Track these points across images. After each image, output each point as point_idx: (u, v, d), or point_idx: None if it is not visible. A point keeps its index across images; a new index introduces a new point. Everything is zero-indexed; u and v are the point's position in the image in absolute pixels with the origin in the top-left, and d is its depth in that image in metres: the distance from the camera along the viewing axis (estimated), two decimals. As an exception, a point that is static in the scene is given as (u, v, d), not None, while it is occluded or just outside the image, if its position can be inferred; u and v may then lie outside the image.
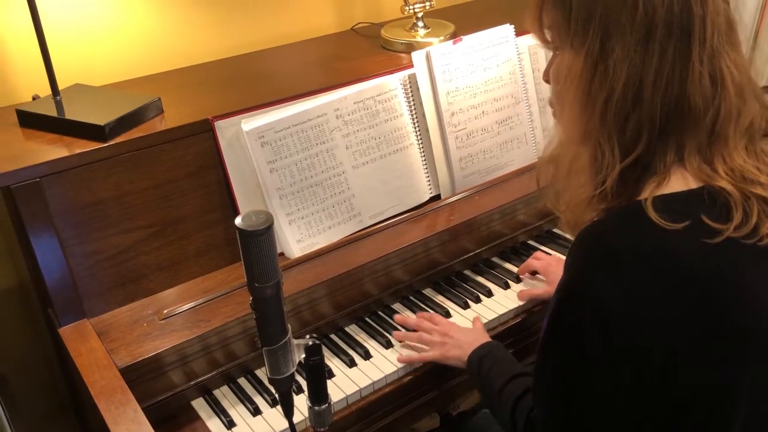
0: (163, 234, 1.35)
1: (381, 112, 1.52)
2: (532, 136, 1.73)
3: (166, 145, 1.33)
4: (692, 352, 0.83)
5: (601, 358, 0.85)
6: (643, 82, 0.85)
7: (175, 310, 1.29)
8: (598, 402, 0.89)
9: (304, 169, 1.44)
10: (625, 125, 0.87)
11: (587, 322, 0.85)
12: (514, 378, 1.15)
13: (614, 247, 0.84)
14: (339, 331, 1.43)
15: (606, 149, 0.88)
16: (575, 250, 0.88)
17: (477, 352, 1.25)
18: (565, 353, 0.90)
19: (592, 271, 0.85)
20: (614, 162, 0.87)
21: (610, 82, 0.86)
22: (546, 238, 1.70)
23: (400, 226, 1.52)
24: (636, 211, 0.85)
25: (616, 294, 0.82)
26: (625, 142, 0.87)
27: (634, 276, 0.82)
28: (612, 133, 0.87)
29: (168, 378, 1.24)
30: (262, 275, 0.90)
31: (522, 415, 1.08)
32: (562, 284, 0.89)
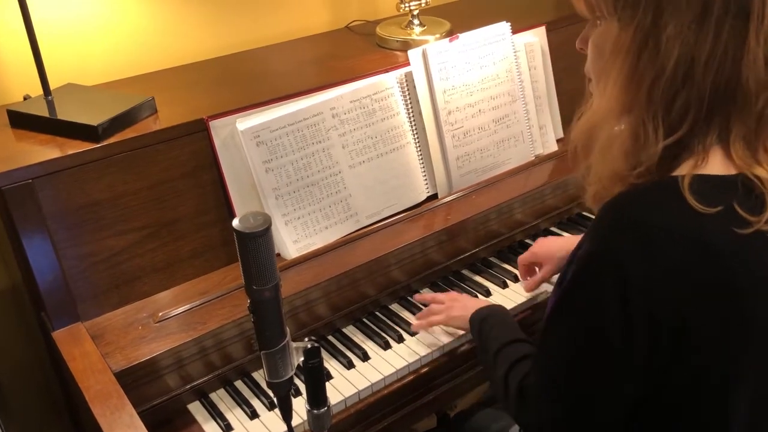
0: (157, 235, 1.33)
1: (377, 110, 1.51)
2: (529, 134, 1.72)
3: (161, 145, 1.31)
4: (705, 334, 0.84)
5: (614, 327, 0.85)
6: (695, 61, 0.82)
7: (170, 312, 1.27)
8: (602, 373, 0.89)
9: (300, 168, 1.43)
10: (672, 104, 0.85)
11: (607, 288, 0.84)
12: (513, 342, 1.15)
13: (644, 220, 0.83)
14: (336, 333, 1.42)
15: (649, 127, 0.85)
16: (603, 219, 0.87)
17: (480, 312, 1.27)
18: (578, 319, 0.90)
19: (618, 239, 0.84)
20: (657, 140, 0.85)
21: (660, 59, 0.83)
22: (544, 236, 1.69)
23: (397, 226, 1.51)
24: (670, 188, 0.84)
25: (640, 264, 0.82)
26: (671, 121, 0.85)
27: (661, 250, 0.82)
28: (658, 111, 0.85)
29: (164, 381, 1.22)
30: (261, 278, 0.89)
31: (515, 380, 1.07)
32: (585, 252, 0.87)
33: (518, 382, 1.05)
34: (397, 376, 1.32)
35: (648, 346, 0.85)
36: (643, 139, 0.86)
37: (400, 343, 1.38)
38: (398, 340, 1.38)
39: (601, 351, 0.88)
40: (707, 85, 0.83)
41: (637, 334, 0.84)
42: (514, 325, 1.23)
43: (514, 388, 1.06)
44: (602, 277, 0.85)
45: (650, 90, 0.85)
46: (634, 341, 0.85)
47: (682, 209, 0.82)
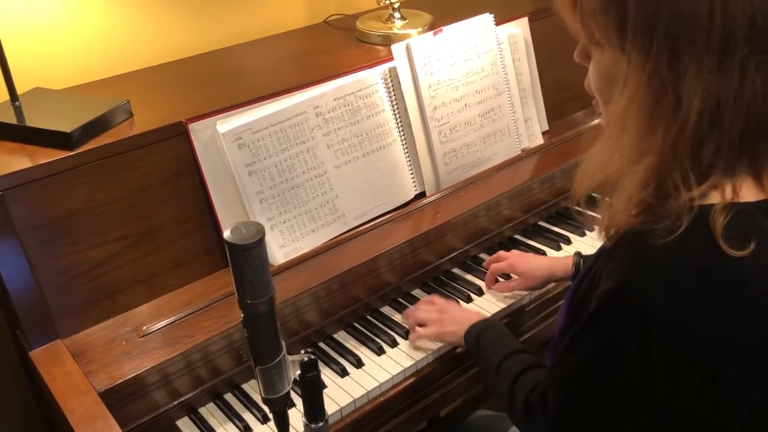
0: (138, 245, 1.27)
1: (362, 108, 1.46)
2: (515, 128, 1.69)
3: (138, 151, 1.25)
4: (736, 370, 0.80)
5: (634, 367, 0.81)
6: (722, 106, 0.75)
7: (154, 325, 1.22)
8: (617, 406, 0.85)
9: (285, 170, 1.38)
10: (700, 153, 0.78)
11: (629, 329, 0.79)
12: (514, 354, 1.12)
13: (671, 259, 0.78)
14: (328, 339, 1.37)
15: (677, 178, 0.78)
16: (625, 254, 0.81)
17: (475, 327, 1.23)
18: (595, 355, 0.85)
19: (642, 280, 0.78)
20: (687, 189, 0.78)
21: (684, 109, 0.76)
22: (533, 231, 1.66)
23: (386, 227, 1.47)
24: (698, 224, 0.78)
25: (667, 307, 0.77)
26: (700, 170, 0.79)
27: (689, 289, 0.77)
28: (684, 163, 0.78)
29: (151, 398, 1.17)
30: (255, 291, 0.84)
31: (522, 392, 1.03)
32: (606, 289, 0.82)
33: (524, 396, 1.02)
34: (393, 382, 1.28)
35: (670, 387, 0.80)
36: (672, 190, 0.79)
37: (394, 348, 1.34)
38: (392, 345, 1.34)
39: (617, 387, 0.84)
40: (737, 128, 0.77)
41: (659, 376, 0.80)
42: (511, 337, 1.20)
43: (520, 402, 1.03)
44: (624, 318, 0.80)
45: (675, 142, 0.77)
46: (654, 382, 0.81)
47: (710, 245, 0.77)
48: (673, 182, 0.78)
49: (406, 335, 1.36)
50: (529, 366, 1.07)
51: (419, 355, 1.31)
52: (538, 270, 1.42)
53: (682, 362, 0.79)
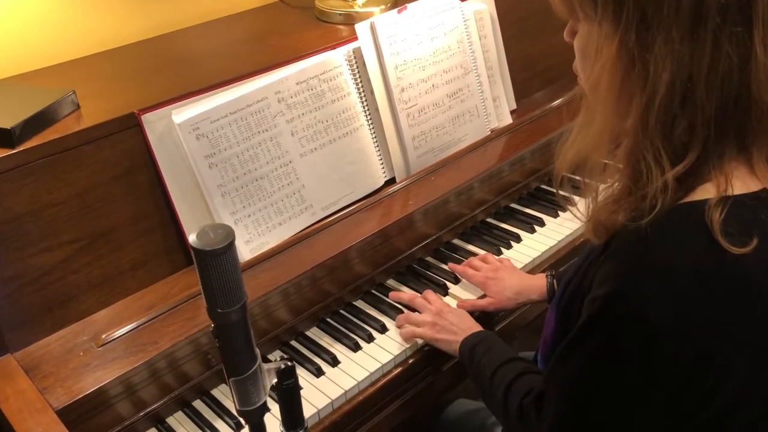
0: (92, 248, 1.18)
1: (327, 92, 1.38)
2: (484, 107, 1.64)
3: (87, 146, 1.16)
4: (743, 371, 0.76)
5: (635, 369, 0.76)
6: (694, 80, 0.71)
7: (114, 333, 1.13)
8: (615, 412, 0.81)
9: (247, 161, 1.30)
10: (672, 130, 0.73)
11: (627, 336, 0.75)
12: (508, 362, 1.08)
13: (667, 261, 0.73)
14: (300, 337, 1.31)
15: (649, 158, 0.74)
16: (622, 257, 0.77)
17: (469, 340, 1.17)
18: (593, 362, 0.81)
19: (639, 284, 0.74)
20: (662, 172, 0.74)
21: (651, 81, 0.72)
22: (505, 214, 1.62)
23: (356, 216, 1.40)
24: (694, 220, 0.74)
25: (668, 309, 0.73)
26: (674, 149, 0.74)
27: (692, 294, 0.73)
28: (656, 141, 0.74)
29: (114, 411, 1.09)
30: (226, 299, 0.77)
31: (515, 398, 0.99)
32: (602, 295, 0.77)
33: (518, 402, 0.98)
34: (372, 380, 1.22)
35: (674, 388, 0.76)
36: (645, 172, 0.75)
37: (370, 343, 1.28)
38: (368, 340, 1.28)
39: (616, 395, 0.80)
40: (712, 104, 0.72)
41: (659, 383, 0.76)
42: (506, 347, 1.15)
43: (514, 408, 0.98)
44: (622, 324, 0.76)
45: (644, 117, 0.74)
46: (657, 384, 0.77)
47: (711, 247, 0.72)
48: (646, 163, 0.75)
49: (383, 329, 1.30)
50: (523, 372, 1.03)
51: (398, 350, 1.26)
52: (511, 292, 1.34)
53: (685, 368, 0.75)
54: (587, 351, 0.81)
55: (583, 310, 0.83)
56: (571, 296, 0.91)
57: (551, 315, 1.01)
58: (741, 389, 0.78)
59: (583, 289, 0.86)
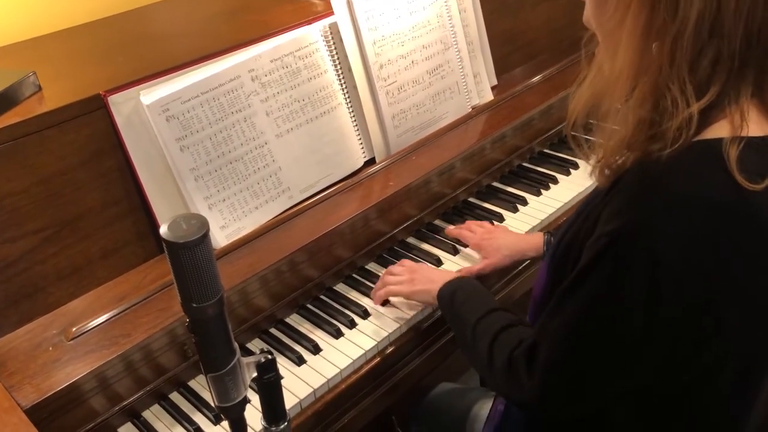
0: (59, 237, 1.13)
1: (302, 69, 1.33)
2: (464, 84, 1.59)
3: (50, 130, 1.10)
4: (735, 322, 0.76)
5: (639, 313, 0.75)
6: (722, 9, 0.71)
7: (85, 326, 1.09)
8: (615, 357, 0.80)
9: (220, 143, 1.24)
10: (699, 62, 0.73)
11: (636, 273, 0.74)
12: (493, 312, 1.04)
13: (684, 192, 0.73)
14: (280, 324, 1.27)
15: (675, 91, 0.73)
16: (633, 191, 0.76)
17: (449, 285, 1.14)
18: (596, 302, 0.79)
19: (652, 215, 0.73)
20: (686, 104, 0.74)
21: (682, 11, 0.71)
22: (487, 193, 1.59)
23: (336, 198, 1.36)
24: (711, 156, 0.73)
25: (678, 243, 0.72)
26: (699, 81, 0.74)
27: (704, 228, 0.72)
28: (683, 72, 0.73)
29: (87, 407, 1.05)
30: (201, 293, 0.73)
31: (503, 351, 0.96)
32: (609, 231, 0.76)
33: (507, 354, 0.94)
34: (355, 367, 1.19)
35: (674, 333, 0.76)
36: (671, 105, 0.74)
37: (352, 329, 1.25)
38: (350, 326, 1.25)
39: (618, 335, 0.79)
40: (738, 34, 0.72)
41: (664, 321, 0.75)
42: (488, 295, 1.12)
43: (501, 361, 0.94)
44: (629, 260, 0.74)
45: (672, 50, 0.73)
46: (658, 328, 0.76)
47: (725, 179, 0.72)
48: (672, 96, 0.74)
49: (365, 315, 1.27)
50: (510, 324, 0.99)
51: (380, 335, 1.23)
52: (507, 250, 1.33)
53: (690, 310, 0.74)
54: (589, 292, 0.80)
55: (584, 253, 0.81)
56: (567, 246, 0.88)
57: (543, 271, 0.98)
58: (731, 341, 0.77)
59: (585, 232, 0.83)
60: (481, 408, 1.27)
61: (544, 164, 1.68)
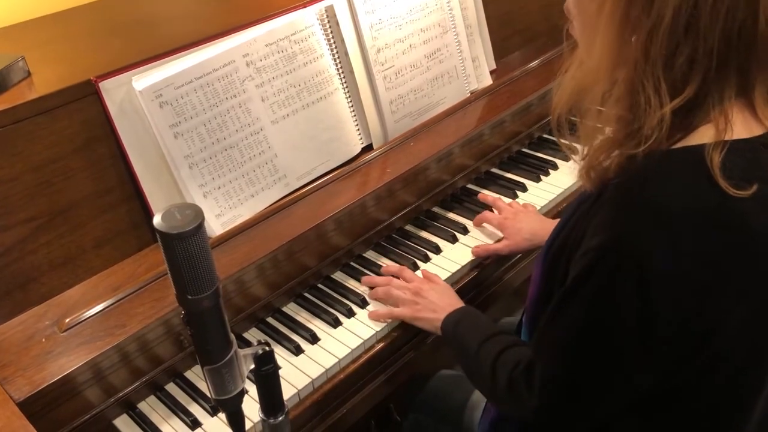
0: (51, 226, 1.11)
1: (298, 54, 1.30)
2: (463, 68, 1.57)
3: (41, 117, 1.07)
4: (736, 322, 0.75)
5: (632, 323, 0.74)
6: (699, 7, 0.69)
7: (79, 316, 1.07)
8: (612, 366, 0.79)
9: (215, 129, 1.22)
10: (674, 59, 0.71)
11: (625, 285, 0.73)
12: (494, 336, 1.03)
13: (666, 204, 0.71)
14: (277, 313, 1.25)
15: (649, 88, 0.72)
16: (617, 203, 0.75)
17: (452, 317, 1.12)
18: (589, 313, 0.78)
19: (636, 229, 0.72)
20: (660, 104, 0.72)
21: (658, 6, 0.69)
22: (486, 180, 1.57)
23: (333, 186, 1.34)
24: (694, 162, 0.72)
25: (666, 256, 0.71)
26: (673, 80, 0.72)
27: (691, 239, 0.71)
28: (657, 69, 0.72)
29: (81, 399, 1.03)
30: (196, 285, 0.71)
31: (504, 371, 0.95)
32: (596, 245, 0.75)
33: (507, 375, 0.94)
34: (353, 356, 1.18)
35: (667, 340, 0.75)
36: (644, 103, 0.73)
37: (350, 318, 1.23)
38: (348, 315, 1.23)
39: (613, 346, 0.78)
40: (715, 33, 0.70)
41: (657, 331, 0.74)
42: (489, 322, 1.11)
43: (503, 381, 0.94)
44: (619, 272, 0.73)
45: (646, 46, 0.71)
46: (651, 337, 0.75)
47: (710, 187, 0.70)
48: (646, 95, 0.73)
49: (363, 303, 1.25)
50: (510, 345, 0.99)
51: (379, 324, 1.21)
52: (527, 233, 1.32)
53: (682, 318, 0.73)
54: (580, 306, 0.79)
55: (571, 266, 0.81)
56: (558, 250, 0.87)
57: (537, 271, 0.97)
58: (730, 340, 0.76)
59: (572, 243, 0.82)
60: (480, 396, 1.26)
61: (544, 150, 1.66)
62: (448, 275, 1.30)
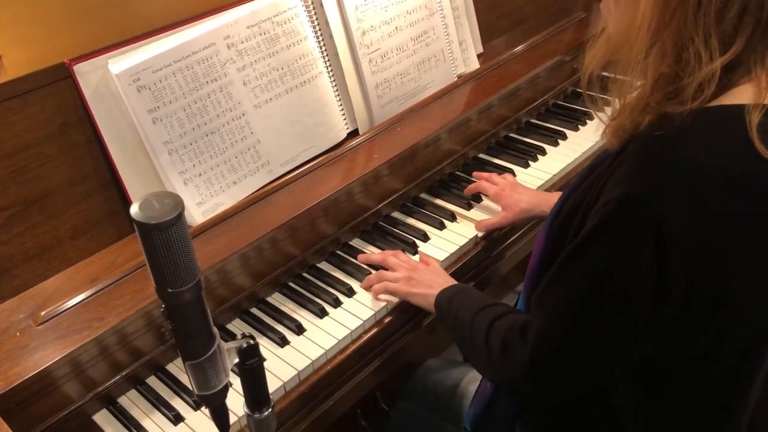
0: (25, 215, 1.07)
1: (281, 36, 1.26)
2: (450, 51, 1.53)
3: (11, 102, 1.03)
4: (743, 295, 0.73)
5: (644, 284, 0.72)
6: None
7: (55, 309, 1.03)
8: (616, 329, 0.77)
9: (195, 114, 1.18)
10: (725, 13, 0.68)
11: (642, 242, 0.70)
12: (487, 307, 1.01)
13: (699, 161, 0.69)
14: (261, 304, 1.22)
15: (699, 43, 0.69)
16: (647, 156, 0.71)
17: (447, 292, 1.10)
18: (599, 271, 0.76)
19: (661, 183, 0.69)
20: (711, 58, 0.69)
21: None
22: (474, 166, 1.54)
23: (318, 172, 1.30)
24: (734, 123, 0.69)
25: (689, 214, 0.68)
26: (723, 33, 0.69)
27: (717, 200, 0.69)
28: (708, 22, 0.69)
29: (59, 395, 1.00)
30: (177, 278, 0.68)
31: (497, 335, 0.93)
32: (616, 197, 0.72)
33: (501, 336, 0.91)
34: (340, 347, 1.15)
35: (676, 304, 0.72)
36: (693, 58, 0.69)
37: (337, 308, 1.20)
38: (335, 304, 1.20)
39: (620, 304, 0.75)
40: None
41: (670, 293, 0.72)
42: (483, 296, 1.08)
43: (496, 343, 0.92)
44: (637, 229, 0.71)
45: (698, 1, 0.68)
46: (664, 299, 0.72)
47: (743, 148, 0.68)
48: (695, 49, 0.70)
49: (350, 293, 1.22)
50: (504, 313, 0.96)
51: (366, 314, 1.18)
52: (525, 204, 1.31)
53: (696, 282, 0.71)
54: (594, 259, 0.76)
55: (588, 219, 0.77)
56: (569, 212, 0.84)
57: (541, 240, 0.94)
58: (737, 314, 0.75)
59: (588, 201, 0.79)
60: (469, 383, 1.24)
61: (532, 135, 1.63)
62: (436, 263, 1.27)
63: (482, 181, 1.40)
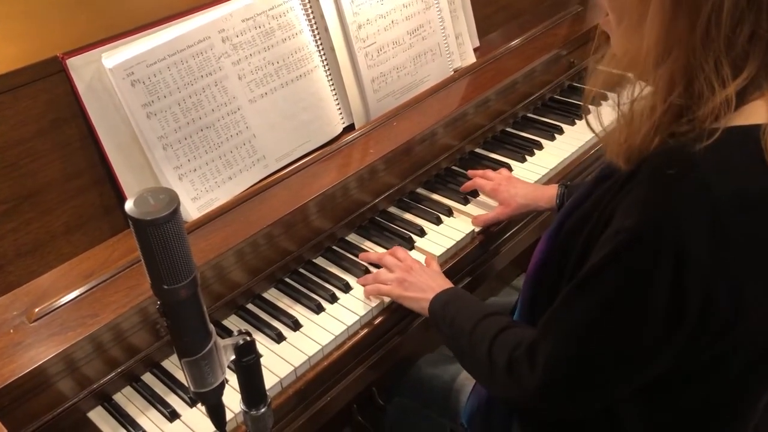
0: (17, 211, 1.05)
1: (276, 29, 1.25)
2: (446, 45, 1.52)
3: (3, 96, 1.02)
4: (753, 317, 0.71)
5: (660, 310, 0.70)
6: None
7: (50, 306, 1.02)
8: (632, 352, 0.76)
9: (190, 109, 1.17)
10: (734, 39, 0.66)
11: (660, 271, 0.69)
12: (488, 317, 0.99)
13: (717, 185, 0.67)
14: (257, 300, 1.21)
15: (710, 71, 0.67)
16: (661, 183, 0.69)
17: (440, 297, 1.09)
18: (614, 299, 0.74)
19: (678, 210, 0.67)
20: (720, 86, 0.67)
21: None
22: (470, 160, 1.54)
23: (313, 167, 1.29)
24: (748, 144, 0.67)
25: (706, 240, 0.67)
26: (734, 59, 0.67)
27: (737, 225, 0.67)
28: (717, 50, 0.66)
29: (53, 392, 0.99)
30: (172, 274, 0.67)
31: (503, 352, 0.91)
32: (633, 225, 0.70)
33: (507, 355, 0.89)
34: (337, 343, 1.14)
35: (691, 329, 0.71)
36: (705, 88, 0.67)
37: (334, 303, 1.19)
38: (331, 300, 1.20)
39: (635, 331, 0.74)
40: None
41: (684, 317, 0.70)
42: (481, 303, 1.08)
43: (502, 361, 0.90)
44: (653, 258, 0.69)
45: (707, 28, 0.66)
46: (676, 324, 0.71)
47: (758, 171, 0.66)
48: (706, 77, 0.68)
49: (346, 288, 1.22)
50: (507, 326, 0.95)
51: (363, 310, 1.18)
52: (522, 198, 1.31)
53: (712, 306, 0.69)
54: (606, 289, 0.74)
55: (598, 247, 0.76)
56: (575, 227, 0.83)
57: (543, 248, 0.93)
58: (749, 334, 0.74)
59: (595, 222, 0.78)
60: (466, 378, 1.24)
61: (528, 129, 1.63)
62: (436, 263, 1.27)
63: (477, 178, 1.39)
